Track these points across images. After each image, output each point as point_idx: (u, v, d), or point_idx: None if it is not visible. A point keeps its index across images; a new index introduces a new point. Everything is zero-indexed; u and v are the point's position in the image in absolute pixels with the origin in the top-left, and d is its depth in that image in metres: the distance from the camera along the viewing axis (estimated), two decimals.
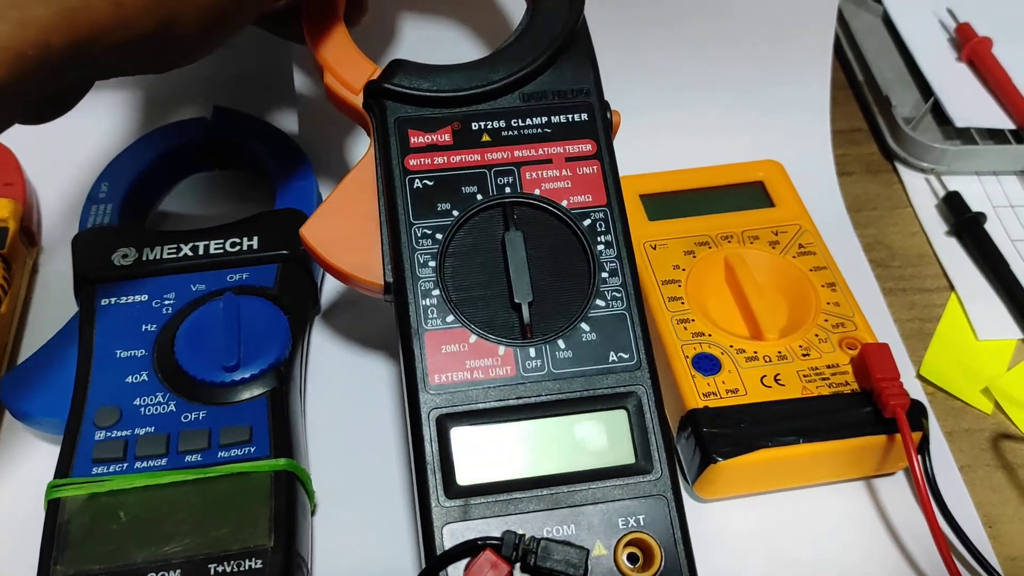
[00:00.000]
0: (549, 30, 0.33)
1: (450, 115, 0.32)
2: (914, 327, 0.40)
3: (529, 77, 0.33)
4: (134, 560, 0.28)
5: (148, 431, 0.31)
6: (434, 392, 0.28)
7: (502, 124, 0.32)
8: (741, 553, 0.32)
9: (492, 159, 0.32)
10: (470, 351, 0.29)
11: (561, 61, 0.33)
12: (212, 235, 0.37)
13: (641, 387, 0.29)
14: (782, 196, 0.40)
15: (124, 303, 0.35)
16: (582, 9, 0.34)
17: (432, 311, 0.29)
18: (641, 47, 0.45)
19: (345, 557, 0.32)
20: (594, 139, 0.33)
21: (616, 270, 0.30)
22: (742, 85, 0.46)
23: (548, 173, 0.32)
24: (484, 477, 0.28)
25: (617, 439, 0.28)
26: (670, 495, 0.28)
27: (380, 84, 0.32)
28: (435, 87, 0.32)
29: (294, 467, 0.31)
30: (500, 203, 0.31)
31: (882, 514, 0.33)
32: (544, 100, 0.33)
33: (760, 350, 0.34)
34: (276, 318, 0.34)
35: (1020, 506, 0.34)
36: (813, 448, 0.32)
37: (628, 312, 0.30)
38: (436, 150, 0.32)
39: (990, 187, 0.46)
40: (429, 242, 0.30)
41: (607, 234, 0.31)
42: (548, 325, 0.30)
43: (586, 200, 0.31)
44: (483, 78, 0.33)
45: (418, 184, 0.31)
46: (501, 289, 0.30)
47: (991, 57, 0.49)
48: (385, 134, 0.32)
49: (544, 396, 0.29)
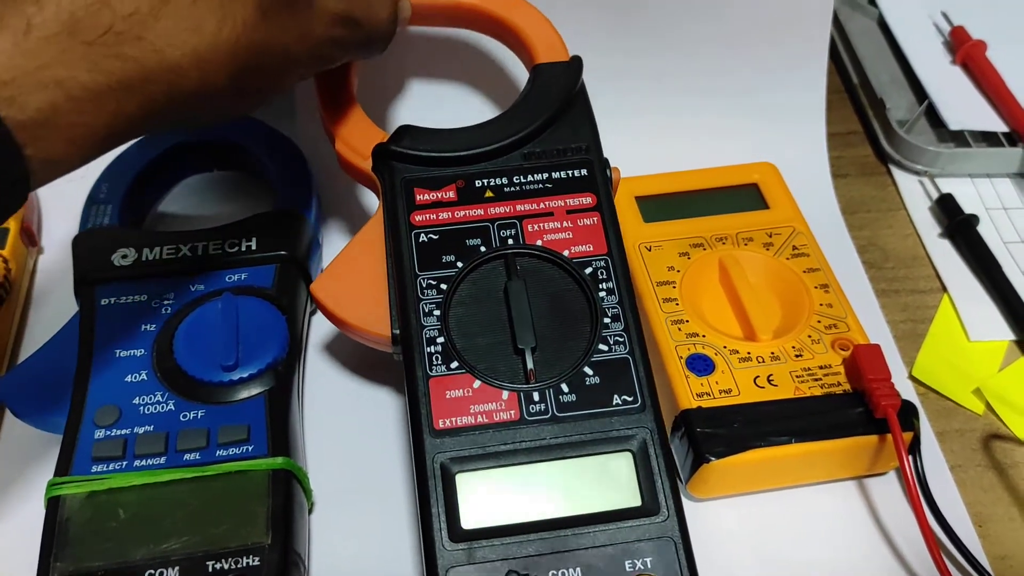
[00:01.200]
0: (550, 96, 0.35)
1: (454, 174, 0.34)
2: (907, 328, 0.40)
3: (530, 137, 0.34)
4: (133, 557, 0.29)
5: (147, 430, 0.32)
6: (439, 437, 0.29)
7: (504, 181, 0.34)
8: (734, 552, 0.33)
9: (495, 213, 0.33)
10: (474, 396, 0.29)
11: (561, 121, 0.35)
12: (211, 236, 0.37)
13: (646, 429, 0.29)
14: (776, 198, 0.41)
15: (124, 303, 0.35)
16: (580, 74, 0.36)
17: (437, 358, 0.30)
18: (638, 49, 0.45)
19: (342, 555, 0.32)
20: (594, 192, 0.34)
21: (618, 315, 0.31)
22: (738, 88, 0.46)
23: (550, 225, 0.33)
24: (489, 521, 0.28)
25: (623, 482, 0.28)
26: (678, 537, 0.27)
27: (388, 147, 0.34)
28: (440, 148, 0.34)
29: (292, 466, 0.31)
30: (503, 254, 0.32)
31: (873, 514, 0.34)
32: (545, 158, 0.34)
33: (753, 351, 0.35)
34: (274, 318, 0.34)
35: (1010, 506, 0.34)
36: (805, 448, 0.32)
37: (631, 356, 0.30)
38: (441, 206, 0.33)
39: (983, 189, 0.46)
40: (434, 292, 0.31)
41: (608, 281, 0.32)
42: (551, 370, 0.30)
43: (587, 250, 0.32)
44: (486, 139, 0.34)
45: (423, 238, 0.32)
46: (504, 336, 0.31)
47: (985, 60, 0.49)
48: (393, 193, 0.33)
49: (548, 440, 0.29)
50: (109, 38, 0.24)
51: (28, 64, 0.23)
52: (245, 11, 0.27)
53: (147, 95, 0.25)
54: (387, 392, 0.37)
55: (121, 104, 0.25)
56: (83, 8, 0.24)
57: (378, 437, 0.36)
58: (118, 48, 0.24)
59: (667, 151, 0.45)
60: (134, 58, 0.25)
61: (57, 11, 0.23)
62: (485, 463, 0.28)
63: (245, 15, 0.27)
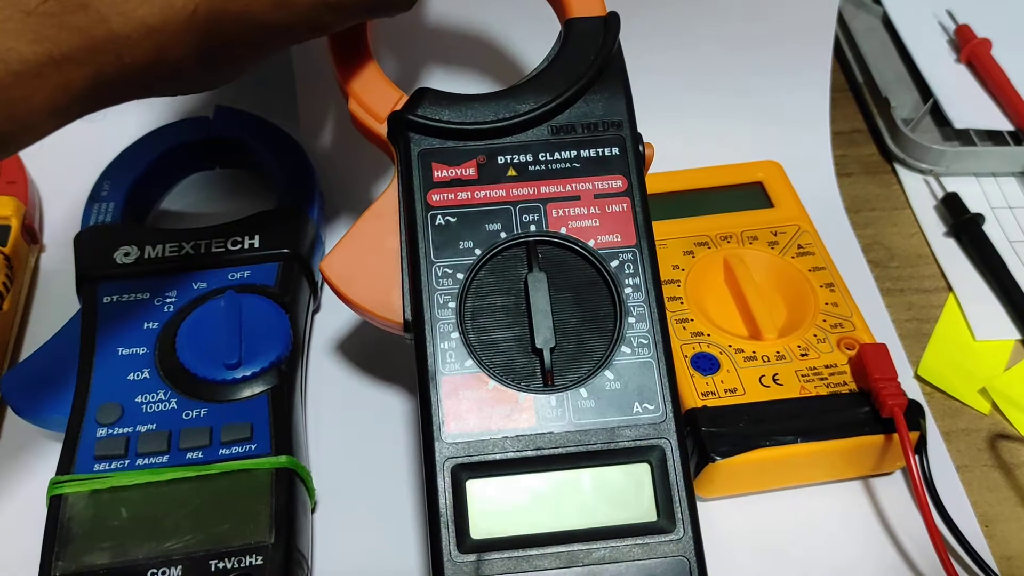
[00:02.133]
0: (581, 58, 0.32)
1: (476, 148, 0.31)
2: (912, 327, 0.40)
3: (558, 109, 0.32)
4: (135, 556, 0.28)
5: (150, 428, 0.31)
6: (450, 441, 0.27)
7: (529, 158, 0.31)
8: (739, 552, 0.32)
9: (518, 195, 0.31)
10: (488, 398, 0.28)
11: (593, 91, 0.32)
12: (214, 233, 0.37)
13: (666, 440, 0.28)
14: (781, 197, 0.40)
15: (126, 301, 0.35)
16: (617, 34, 0.33)
17: (451, 355, 0.28)
18: (643, 49, 0.45)
19: (345, 554, 0.32)
20: (625, 175, 0.31)
21: (644, 315, 0.29)
22: (742, 86, 0.46)
23: (576, 211, 0.31)
24: (499, 532, 0.27)
25: (639, 495, 0.27)
26: (692, 558, 0.26)
27: (404, 115, 0.31)
28: (460, 119, 0.31)
29: (295, 464, 0.31)
30: (524, 242, 0.30)
31: (879, 514, 0.34)
32: (573, 133, 0.32)
33: (758, 350, 0.34)
34: (277, 316, 0.34)
35: (1017, 506, 0.34)
36: (811, 448, 0.32)
37: (655, 360, 0.29)
38: (460, 185, 0.31)
39: (988, 188, 0.46)
40: (450, 282, 0.29)
41: (635, 276, 0.30)
42: (570, 372, 0.29)
43: (615, 240, 0.30)
44: (510, 109, 0.31)
45: (440, 220, 0.30)
46: (523, 333, 0.29)
47: (990, 59, 0.49)
48: (408, 167, 0.31)
49: (564, 448, 0.27)
50: (51, 6, 0.22)
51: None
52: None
53: (95, 68, 0.24)
54: (391, 390, 0.37)
55: (67, 77, 0.23)
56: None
57: (382, 435, 0.36)
58: (61, 17, 0.23)
59: (672, 149, 0.44)
60: (79, 28, 0.23)
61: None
62: (497, 471, 0.27)
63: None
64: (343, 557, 0.32)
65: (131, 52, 0.24)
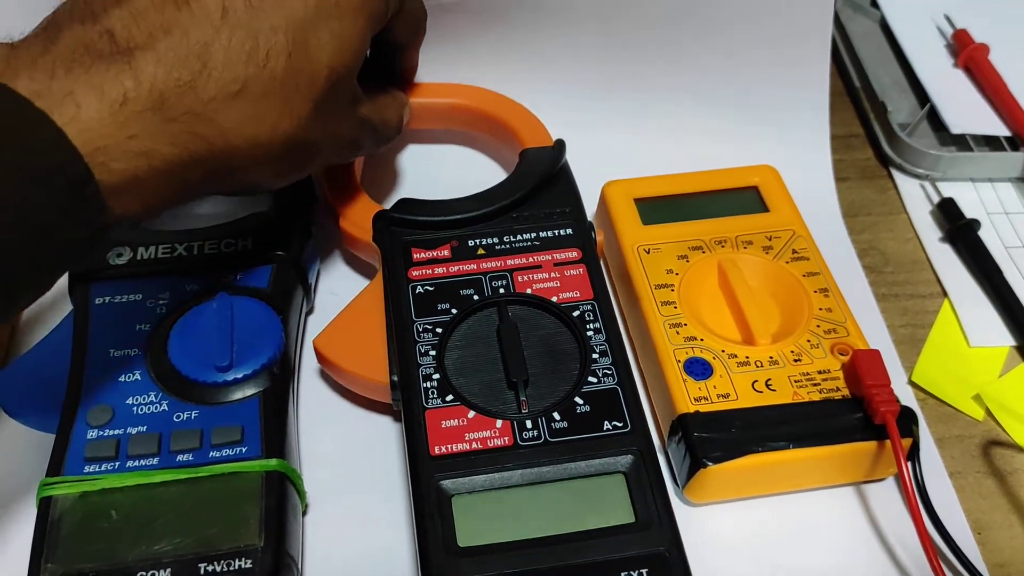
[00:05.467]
0: (535, 171, 0.39)
1: (448, 235, 0.37)
2: (907, 333, 0.40)
3: (518, 203, 0.38)
4: (124, 559, 0.28)
5: (140, 430, 0.31)
6: (435, 462, 0.30)
7: (495, 240, 0.37)
8: (730, 558, 0.32)
9: (487, 267, 0.36)
10: (469, 425, 0.31)
11: (547, 191, 0.38)
12: (207, 235, 0.37)
13: (636, 448, 0.30)
14: (776, 201, 0.40)
15: (118, 302, 0.35)
16: (563, 155, 0.40)
17: (433, 392, 0.32)
18: (639, 53, 0.45)
19: (336, 557, 0.32)
20: (579, 248, 0.36)
21: (606, 351, 0.33)
22: (739, 90, 0.46)
23: (538, 276, 0.35)
24: (485, 540, 0.28)
25: (616, 501, 0.29)
26: (672, 548, 0.28)
27: (389, 214, 0.37)
28: (435, 214, 0.37)
29: (285, 467, 0.31)
30: (495, 302, 0.34)
31: (871, 520, 0.33)
32: (533, 221, 0.37)
33: (752, 355, 0.34)
34: (269, 319, 0.34)
35: (1009, 513, 0.34)
36: (803, 453, 0.32)
37: (620, 387, 0.32)
38: (436, 263, 0.36)
39: (985, 194, 0.46)
40: (430, 335, 0.33)
41: (595, 322, 0.34)
42: (543, 401, 0.32)
43: (574, 296, 0.35)
44: (478, 206, 0.37)
45: (420, 290, 0.35)
46: (498, 374, 0.32)
47: (987, 63, 0.49)
48: (392, 253, 0.36)
49: (542, 463, 0.30)
50: (188, 118, 0.27)
51: (119, 133, 0.25)
52: (303, 109, 0.30)
53: (208, 169, 0.28)
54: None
55: (188, 174, 0.28)
56: (172, 89, 0.26)
57: (373, 439, 0.36)
58: (193, 127, 0.27)
59: (668, 153, 0.44)
60: (204, 136, 0.27)
61: (151, 88, 0.26)
62: (481, 486, 0.29)
63: (302, 113, 0.30)
64: (334, 560, 0.32)
65: (235, 160, 0.29)
